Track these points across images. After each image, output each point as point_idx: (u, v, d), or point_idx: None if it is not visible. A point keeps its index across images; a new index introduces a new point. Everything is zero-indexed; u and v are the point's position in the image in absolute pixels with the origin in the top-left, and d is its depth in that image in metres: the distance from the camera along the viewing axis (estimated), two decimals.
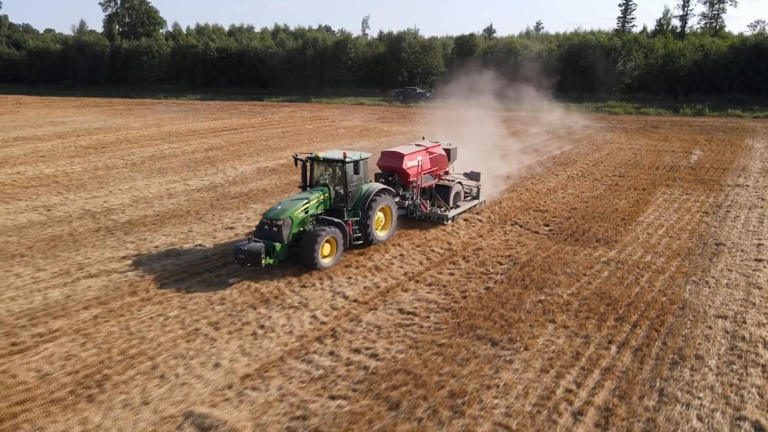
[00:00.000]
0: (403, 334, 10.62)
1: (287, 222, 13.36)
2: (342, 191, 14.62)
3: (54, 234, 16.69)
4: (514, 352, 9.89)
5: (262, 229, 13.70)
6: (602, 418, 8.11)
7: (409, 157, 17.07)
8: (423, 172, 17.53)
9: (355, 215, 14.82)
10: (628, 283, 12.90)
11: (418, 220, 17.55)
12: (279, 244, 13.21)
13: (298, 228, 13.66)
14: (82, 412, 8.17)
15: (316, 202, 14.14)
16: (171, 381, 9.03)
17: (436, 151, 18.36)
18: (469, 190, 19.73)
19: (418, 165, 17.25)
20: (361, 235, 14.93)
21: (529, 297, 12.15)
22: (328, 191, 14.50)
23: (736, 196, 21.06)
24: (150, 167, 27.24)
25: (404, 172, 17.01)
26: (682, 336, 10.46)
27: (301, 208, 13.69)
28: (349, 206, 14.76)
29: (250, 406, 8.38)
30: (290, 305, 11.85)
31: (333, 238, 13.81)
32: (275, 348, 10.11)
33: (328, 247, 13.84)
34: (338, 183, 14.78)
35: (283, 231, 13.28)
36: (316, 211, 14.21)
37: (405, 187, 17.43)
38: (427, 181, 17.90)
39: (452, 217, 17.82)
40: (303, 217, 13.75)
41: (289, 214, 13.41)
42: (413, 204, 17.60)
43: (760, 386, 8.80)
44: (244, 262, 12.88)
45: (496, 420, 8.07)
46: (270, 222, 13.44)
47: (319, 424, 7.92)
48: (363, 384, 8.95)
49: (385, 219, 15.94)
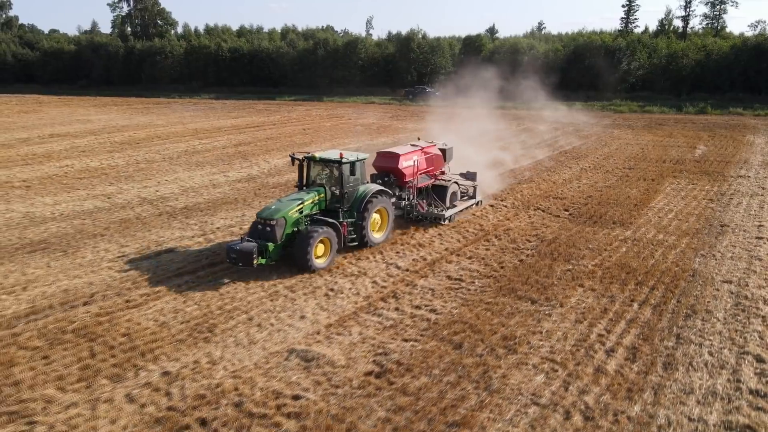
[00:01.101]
0: (454, 295, 12.40)
1: (281, 222, 13.22)
2: (338, 192, 14.53)
3: (122, 217, 18.48)
4: (551, 308, 11.67)
5: (255, 229, 13.57)
6: (630, 354, 9.88)
7: (404, 157, 16.99)
8: (419, 172, 17.51)
9: (350, 216, 14.73)
10: (644, 257, 14.67)
11: (415, 220, 17.60)
12: (272, 244, 13.08)
13: (292, 228, 13.52)
14: (203, 349, 9.96)
15: (311, 203, 14.04)
16: (268, 328, 10.81)
17: (432, 151, 18.31)
18: (465, 189, 19.71)
19: (414, 165, 17.22)
20: (356, 237, 14.85)
21: (558, 267, 13.93)
22: (324, 192, 14.40)
23: (738, 186, 22.82)
24: (187, 161, 29.01)
25: (400, 173, 16.93)
26: (693, 296, 12.23)
27: (296, 208, 13.58)
28: (344, 207, 14.64)
29: (339, 346, 10.16)
30: (351, 273, 13.63)
31: (327, 239, 13.65)
32: (347, 305, 11.90)
33: (322, 247, 13.66)
34: (334, 183, 14.67)
35: (277, 231, 13.14)
36: (311, 211, 14.09)
37: (401, 188, 17.32)
38: (424, 182, 17.90)
39: (449, 217, 17.75)
40: (297, 218, 13.63)
41: (283, 214, 13.29)
42: (410, 204, 17.54)
43: (761, 331, 10.58)
44: (236, 262, 12.77)
45: (543, 356, 9.84)
46: (263, 222, 13.33)
47: (399, 358, 9.70)
48: (428, 331, 10.73)
49: (382, 221, 15.79)
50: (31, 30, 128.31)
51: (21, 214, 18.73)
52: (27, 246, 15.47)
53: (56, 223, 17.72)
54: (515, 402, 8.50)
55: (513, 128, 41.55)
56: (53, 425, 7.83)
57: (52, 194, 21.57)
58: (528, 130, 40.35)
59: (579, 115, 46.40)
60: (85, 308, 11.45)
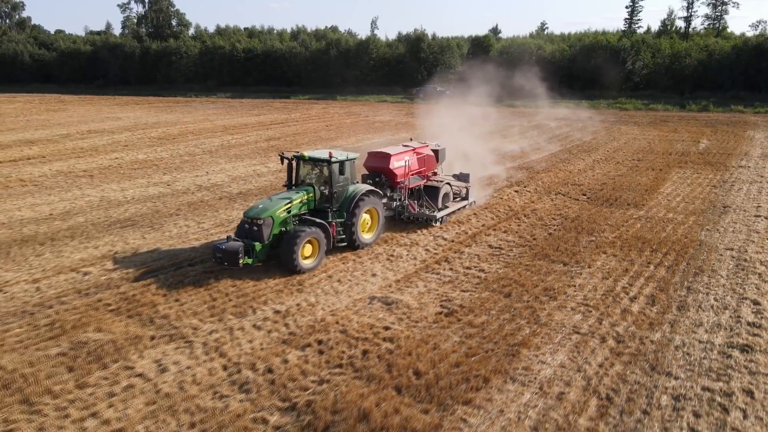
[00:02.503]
0: (497, 259, 14.60)
1: (268, 221, 13.12)
2: (327, 191, 14.38)
3: (187, 201, 20.67)
4: (581, 269, 13.85)
5: (242, 228, 13.48)
6: (649, 300, 12.05)
7: (396, 157, 16.88)
8: (411, 172, 17.40)
9: (340, 216, 14.59)
10: (657, 231, 16.84)
11: (406, 221, 17.49)
12: (259, 243, 12.97)
13: (279, 228, 13.39)
14: (299, 296, 12.16)
15: (299, 202, 13.89)
16: (347, 283, 13.01)
17: (424, 152, 18.18)
18: (458, 191, 19.59)
19: (406, 165, 17.11)
20: (345, 237, 14.74)
21: (583, 238, 16.11)
22: (313, 191, 14.24)
23: (739, 174, 24.99)
24: (225, 154, 31.21)
25: (391, 173, 16.82)
26: (700, 260, 14.41)
27: (283, 207, 13.44)
28: (334, 207, 14.50)
29: (410, 294, 12.36)
30: (405, 244, 15.82)
31: (315, 239, 13.51)
32: (408, 266, 14.10)
33: (310, 248, 13.51)
34: (323, 183, 14.54)
35: (264, 230, 13.03)
36: (300, 211, 13.94)
37: (392, 188, 17.19)
38: (415, 182, 17.79)
39: (440, 218, 17.61)
40: (285, 217, 13.48)
41: (270, 214, 13.17)
42: (401, 205, 17.39)
43: (757, 283, 12.78)
44: (221, 261, 12.64)
45: (578, 302, 12.02)
46: (250, 221, 13.23)
47: (461, 302, 11.88)
48: (480, 285, 12.91)
49: (372, 221, 15.64)
50: (39, 31, 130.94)
51: (97, 198, 20.94)
52: (116, 223, 17.69)
53: (131, 206, 19.92)
54: (560, 332, 10.68)
55: (524, 124, 43.75)
56: (205, 343, 10.04)
57: (116, 182, 23.79)
58: (539, 127, 42.51)
59: (586, 113, 48.60)
60: (192, 267, 13.67)
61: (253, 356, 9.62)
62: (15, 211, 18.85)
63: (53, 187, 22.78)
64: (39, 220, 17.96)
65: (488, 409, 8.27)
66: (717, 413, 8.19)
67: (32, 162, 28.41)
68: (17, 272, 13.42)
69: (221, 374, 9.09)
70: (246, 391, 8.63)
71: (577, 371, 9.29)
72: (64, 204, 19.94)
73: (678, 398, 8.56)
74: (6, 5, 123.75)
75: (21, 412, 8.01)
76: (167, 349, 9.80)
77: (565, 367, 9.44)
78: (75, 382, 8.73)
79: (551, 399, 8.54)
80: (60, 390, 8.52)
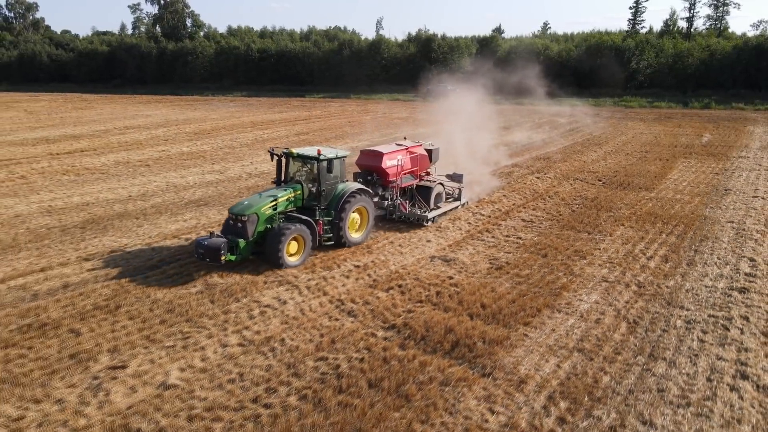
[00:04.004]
0: (531, 229, 17.02)
1: (252, 218, 13.06)
2: (315, 189, 14.31)
3: (245, 186, 23.07)
4: (603, 237, 16.26)
5: (227, 225, 13.48)
6: (663, 259, 14.46)
7: (388, 156, 16.83)
8: (403, 172, 17.32)
9: (327, 215, 14.52)
10: (667, 208, 19.25)
11: (398, 220, 17.44)
12: (243, 240, 12.94)
13: (265, 225, 13.33)
14: (371, 256, 14.59)
15: (285, 200, 13.77)
16: (408, 246, 15.45)
17: (417, 151, 18.09)
18: (451, 191, 19.48)
19: (398, 165, 17.03)
20: (332, 236, 14.67)
21: (602, 214, 18.53)
22: (300, 188, 14.13)
23: (739, 163, 27.39)
24: (263, 146, 33.59)
25: (383, 172, 16.76)
26: (705, 230, 16.82)
27: (269, 204, 13.36)
28: (322, 205, 14.41)
29: (462, 254, 14.77)
30: (449, 219, 18.23)
31: (300, 236, 13.49)
32: (456, 235, 16.52)
33: (295, 245, 13.52)
34: (312, 181, 14.46)
35: (248, 227, 12.98)
36: (286, 208, 13.85)
37: (384, 187, 17.11)
38: (407, 182, 17.69)
39: (432, 219, 17.54)
40: (270, 214, 13.41)
41: (255, 210, 13.10)
42: (392, 204, 17.33)
43: (753, 246, 15.22)
44: (203, 258, 12.61)
45: (604, 260, 14.42)
46: (235, 217, 13.17)
47: (507, 260, 14.30)
48: (520, 248, 15.33)
49: (361, 220, 15.54)
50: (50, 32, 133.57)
51: (163, 183, 23.38)
52: (191, 203, 20.12)
53: (196, 189, 22.35)
54: (592, 280, 13.09)
55: (536, 120, 46.16)
56: (308, 286, 12.48)
57: (172, 170, 26.23)
58: (549, 123, 44.90)
59: (593, 110, 51.05)
60: None
61: (350, 294, 12.06)
62: (98, 194, 21.29)
63: (119, 174, 25.22)
64: (122, 200, 20.40)
65: (543, 329, 10.69)
66: (720, 331, 10.60)
67: (87, 154, 30.82)
68: (129, 238, 15.88)
69: (329, 306, 11.53)
70: (353, 316, 11.07)
71: (609, 305, 11.71)
72: (136, 188, 22.38)
73: (689, 322, 10.98)
74: (20, 6, 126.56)
75: (189, 327, 10.46)
76: (279, 290, 12.24)
77: (598, 303, 11.86)
78: (220, 309, 11.18)
79: (590, 323, 10.95)
80: (212, 314, 10.97)
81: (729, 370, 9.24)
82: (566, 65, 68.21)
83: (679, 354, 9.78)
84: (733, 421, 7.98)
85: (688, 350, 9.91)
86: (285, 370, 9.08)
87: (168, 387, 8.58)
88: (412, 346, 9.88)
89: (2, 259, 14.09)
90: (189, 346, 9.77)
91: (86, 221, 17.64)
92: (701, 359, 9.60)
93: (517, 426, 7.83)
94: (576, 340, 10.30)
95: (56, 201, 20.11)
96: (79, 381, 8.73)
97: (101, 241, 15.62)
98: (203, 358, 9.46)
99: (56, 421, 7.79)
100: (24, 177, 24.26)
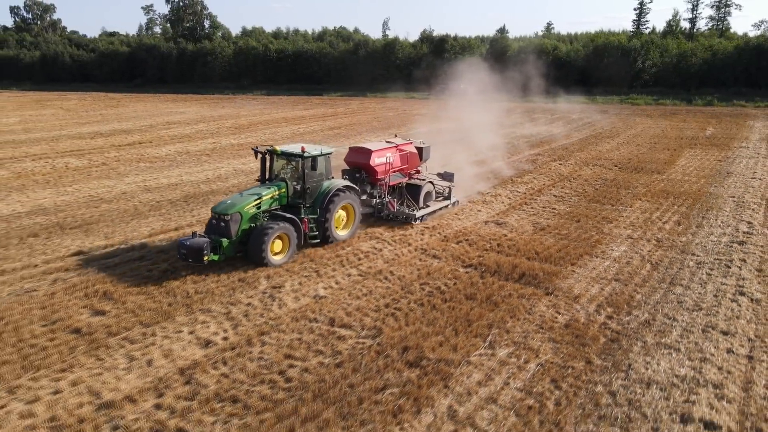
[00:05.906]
0: (562, 203, 20.14)
1: (236, 217, 12.95)
2: (300, 187, 14.18)
3: None
4: (624, 208, 19.35)
5: (211, 224, 13.32)
6: (676, 222, 17.56)
7: (377, 153, 16.73)
8: (392, 169, 17.20)
9: (313, 212, 14.43)
10: (677, 187, 22.34)
11: (386, 219, 17.43)
12: (226, 239, 12.83)
13: (249, 224, 13.20)
14: (437, 220, 17.65)
15: (269, 198, 13.62)
16: (464, 215, 18.57)
17: (407, 149, 18.00)
18: (441, 190, 19.43)
19: (387, 162, 16.92)
20: (318, 234, 14.60)
21: (622, 191, 21.63)
22: (285, 186, 13.99)
23: (740, 153, 30.46)
24: (302, 139, 36.69)
25: (372, 169, 16.64)
26: (710, 203, 19.91)
27: (253, 203, 13.22)
28: (307, 203, 14.29)
29: (509, 219, 17.85)
30: (490, 195, 21.30)
31: (285, 235, 13.44)
32: (501, 207, 19.64)
33: (280, 243, 13.47)
34: (296, 178, 14.32)
35: (231, 226, 12.87)
36: (270, 206, 13.72)
37: (373, 185, 16.99)
38: (396, 180, 17.54)
39: (420, 217, 17.47)
40: (254, 213, 13.28)
41: (238, 209, 12.97)
42: (380, 202, 17.26)
43: (751, 213, 18.36)
44: (186, 258, 12.48)
45: (627, 224, 17.51)
46: (218, 217, 13.03)
47: (548, 224, 17.40)
48: (556, 216, 18.42)
49: (348, 217, 15.51)
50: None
51: (231, 168, 26.51)
52: None
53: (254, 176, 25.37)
54: (619, 237, 16.19)
55: (548, 117, 49.27)
56: (393, 239, 15.59)
57: (233, 158, 29.32)
58: (561, 119, 47.98)
59: (601, 107, 54.13)
60: None
61: (429, 245, 15.19)
62: (180, 177, 24.42)
63: (185, 162, 28.33)
64: (204, 182, 23.52)
65: (586, 267, 13.79)
66: (723, 268, 13.70)
67: (145, 146, 33.93)
68: None
69: (416, 252, 14.67)
70: (437, 258, 14.21)
71: (635, 253, 14.81)
72: (209, 173, 25.49)
73: (699, 263, 14.07)
74: (38, 8, 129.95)
75: (315, 265, 13.57)
76: (372, 242, 15.37)
77: (626, 251, 14.96)
78: (333, 253, 14.30)
79: (622, 264, 14.05)
80: (328, 256, 14.10)
81: (730, 290, 12.34)
82: (574, 65, 71.36)
83: (693, 282, 12.88)
84: (734, 317, 11.07)
85: (699, 280, 13.01)
86: (400, 290, 12.21)
87: (320, 297, 11.72)
88: (489, 276, 13.00)
89: (139, 222, 17.25)
90: (323, 275, 12.94)
91: (184, 197, 20.77)
92: (709, 285, 12.70)
93: (578, 320, 10.93)
94: (613, 274, 13.39)
95: (149, 182, 23.25)
96: (253, 294, 11.86)
97: (208, 212, 18.74)
98: (336, 282, 12.61)
99: (255, 314, 10.95)
100: (105, 164, 27.39)
